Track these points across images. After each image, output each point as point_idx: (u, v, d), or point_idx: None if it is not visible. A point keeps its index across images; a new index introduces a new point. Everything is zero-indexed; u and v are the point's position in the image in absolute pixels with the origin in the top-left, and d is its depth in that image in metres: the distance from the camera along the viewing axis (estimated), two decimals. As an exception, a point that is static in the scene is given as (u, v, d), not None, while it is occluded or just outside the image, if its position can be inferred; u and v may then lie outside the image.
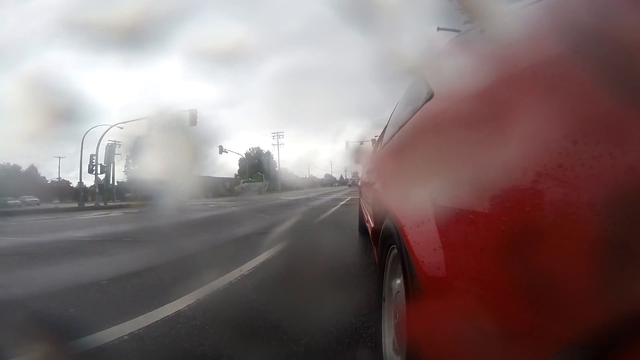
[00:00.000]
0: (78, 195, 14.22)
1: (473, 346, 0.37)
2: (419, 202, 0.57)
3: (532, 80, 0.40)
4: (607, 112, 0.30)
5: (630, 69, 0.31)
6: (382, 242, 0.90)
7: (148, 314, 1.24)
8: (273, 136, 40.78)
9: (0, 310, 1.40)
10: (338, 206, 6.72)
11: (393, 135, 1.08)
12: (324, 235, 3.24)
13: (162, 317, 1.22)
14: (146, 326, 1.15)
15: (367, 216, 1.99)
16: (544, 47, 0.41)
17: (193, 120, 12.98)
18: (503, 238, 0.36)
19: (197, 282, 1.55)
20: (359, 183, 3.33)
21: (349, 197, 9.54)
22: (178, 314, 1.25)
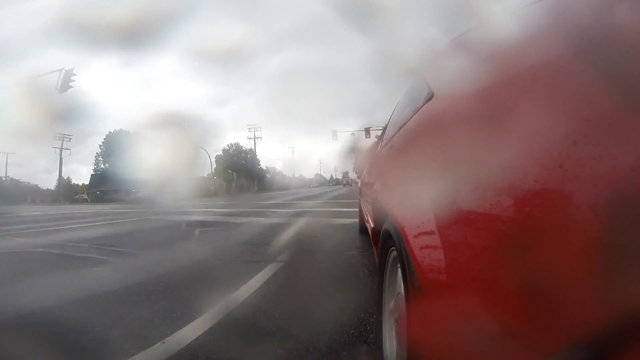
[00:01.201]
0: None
1: (473, 346, 0.37)
2: (419, 203, 0.57)
3: (532, 80, 0.40)
4: (608, 112, 0.30)
5: (630, 70, 0.31)
6: (382, 243, 0.90)
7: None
8: (249, 129, 34.18)
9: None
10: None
11: (393, 136, 1.08)
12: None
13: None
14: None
15: (367, 216, 1.99)
16: (544, 48, 0.41)
17: (65, 84, 9.43)
18: (503, 239, 0.36)
19: None
20: (359, 184, 3.28)
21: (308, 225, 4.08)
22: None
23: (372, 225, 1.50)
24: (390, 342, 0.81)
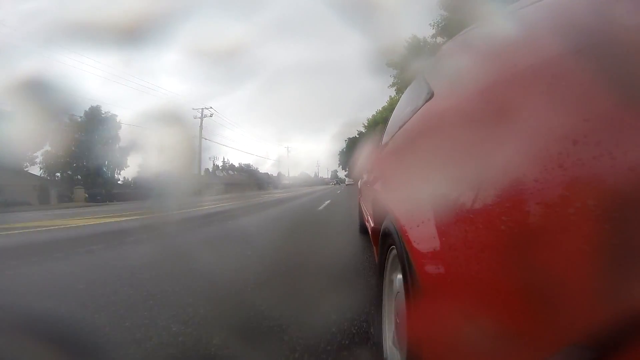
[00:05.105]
0: None
1: (473, 346, 0.37)
2: (418, 202, 0.57)
3: (532, 80, 0.40)
4: (608, 112, 0.30)
5: (630, 69, 0.31)
6: (382, 242, 0.90)
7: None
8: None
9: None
10: None
11: (393, 135, 1.08)
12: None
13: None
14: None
15: (367, 216, 1.99)
16: (544, 47, 0.41)
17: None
18: (503, 238, 0.36)
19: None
20: (358, 183, 3.27)
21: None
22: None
23: (372, 225, 1.50)
24: (390, 341, 0.81)
